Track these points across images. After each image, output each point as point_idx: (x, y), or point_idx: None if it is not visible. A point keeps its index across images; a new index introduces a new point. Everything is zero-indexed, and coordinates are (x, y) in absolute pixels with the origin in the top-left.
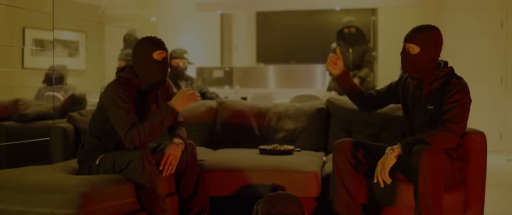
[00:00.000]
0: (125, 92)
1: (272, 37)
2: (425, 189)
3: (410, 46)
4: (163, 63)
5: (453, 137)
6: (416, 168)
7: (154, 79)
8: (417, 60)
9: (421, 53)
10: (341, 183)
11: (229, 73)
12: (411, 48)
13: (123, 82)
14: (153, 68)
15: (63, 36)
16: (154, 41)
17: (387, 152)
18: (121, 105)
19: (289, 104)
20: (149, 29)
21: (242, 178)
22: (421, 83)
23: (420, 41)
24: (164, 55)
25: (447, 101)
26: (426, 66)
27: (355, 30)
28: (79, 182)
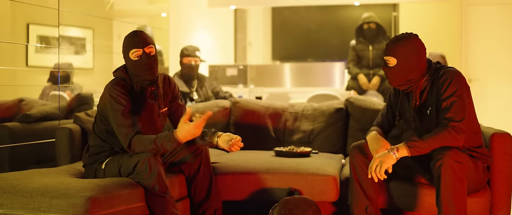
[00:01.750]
0: (120, 93)
1: (288, 33)
2: (447, 195)
3: (387, 59)
4: (142, 62)
5: (461, 137)
6: (438, 172)
7: (140, 78)
8: (398, 72)
9: (399, 63)
10: (359, 187)
11: (243, 71)
12: (389, 61)
13: (117, 83)
14: (135, 69)
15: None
16: (129, 39)
17: (389, 150)
18: (118, 107)
19: (306, 104)
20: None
21: (256, 182)
22: (411, 93)
23: (395, 52)
24: (140, 53)
25: (443, 96)
26: (411, 76)
27: (375, 26)
28: (85, 186)
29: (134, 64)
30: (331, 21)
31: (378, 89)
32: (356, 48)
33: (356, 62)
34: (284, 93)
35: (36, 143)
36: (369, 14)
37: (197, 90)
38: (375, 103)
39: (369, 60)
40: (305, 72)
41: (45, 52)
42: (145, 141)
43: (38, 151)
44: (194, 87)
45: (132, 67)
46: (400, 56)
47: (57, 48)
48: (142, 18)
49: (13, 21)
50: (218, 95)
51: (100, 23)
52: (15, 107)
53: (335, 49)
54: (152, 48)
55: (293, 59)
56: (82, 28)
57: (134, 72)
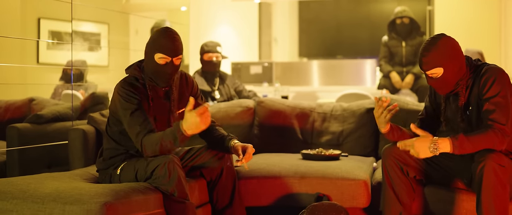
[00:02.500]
0: (130, 92)
1: (316, 29)
2: (489, 200)
3: (432, 72)
4: (164, 68)
5: (505, 140)
6: (480, 177)
7: (156, 80)
8: (447, 80)
9: (446, 71)
10: (392, 192)
11: (268, 69)
12: (434, 73)
13: (127, 82)
14: (154, 72)
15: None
16: (162, 40)
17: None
18: (127, 106)
19: (335, 104)
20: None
21: (282, 187)
22: (457, 93)
23: (439, 61)
24: (167, 61)
25: (486, 96)
26: (458, 77)
27: (408, 21)
28: (100, 191)
29: (155, 68)
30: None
31: (412, 88)
32: (389, 44)
33: (389, 59)
34: (311, 92)
35: (48, 146)
36: (403, 8)
37: (219, 89)
38: (409, 103)
39: (402, 57)
40: (334, 70)
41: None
42: (152, 140)
43: (50, 154)
44: (216, 86)
45: (152, 69)
46: (445, 63)
47: (70, 44)
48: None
49: (23, 16)
50: (242, 94)
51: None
52: (25, 107)
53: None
54: (180, 59)
55: (321, 56)
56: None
57: (151, 74)
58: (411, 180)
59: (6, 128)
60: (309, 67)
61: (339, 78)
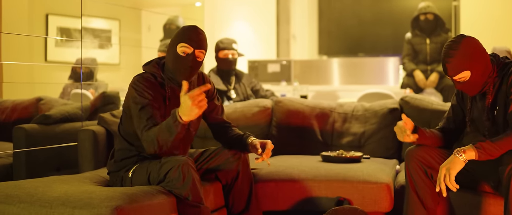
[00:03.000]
0: (145, 88)
1: (337, 25)
2: None
3: (459, 76)
4: (185, 61)
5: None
6: (508, 180)
7: (175, 75)
8: (475, 82)
9: (474, 74)
10: (416, 196)
11: (286, 67)
12: (462, 78)
13: (144, 77)
14: (174, 63)
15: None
16: (185, 32)
17: (455, 154)
18: (139, 100)
19: (357, 104)
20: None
21: (301, 190)
22: (485, 92)
23: (463, 64)
24: (189, 51)
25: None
26: (486, 76)
27: (432, 17)
28: (111, 194)
29: (176, 59)
30: (384, 11)
31: (436, 87)
32: (412, 41)
33: (412, 57)
34: (332, 92)
35: (56, 147)
36: (427, 4)
37: (235, 88)
38: (434, 103)
39: (427, 54)
40: (356, 68)
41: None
42: (151, 135)
43: (58, 156)
44: (232, 85)
45: (172, 60)
46: (471, 65)
47: (79, 41)
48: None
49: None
50: (259, 94)
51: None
52: (32, 107)
53: (389, 42)
54: (203, 54)
55: (342, 53)
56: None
57: (172, 66)
58: (436, 183)
59: (12, 129)
60: (329, 65)
61: (360, 76)
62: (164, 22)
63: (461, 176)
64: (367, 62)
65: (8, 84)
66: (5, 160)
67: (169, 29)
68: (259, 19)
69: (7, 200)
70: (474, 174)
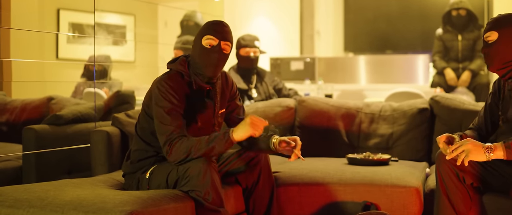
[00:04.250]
0: (172, 89)
1: (363, 21)
2: None
3: (487, 35)
4: (211, 53)
5: None
6: None
7: (200, 71)
8: (499, 50)
9: (500, 38)
10: (447, 200)
11: (310, 65)
12: (489, 37)
13: (172, 76)
14: (201, 57)
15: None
16: (210, 25)
17: (484, 147)
18: (164, 104)
19: (385, 104)
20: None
21: (326, 194)
22: None
23: (496, 25)
24: (214, 43)
25: None
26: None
27: (465, 12)
28: (126, 198)
29: (202, 52)
30: (413, 6)
31: (468, 86)
32: (443, 38)
33: (443, 54)
34: (358, 91)
35: (68, 149)
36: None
37: (257, 87)
38: (465, 103)
39: (458, 52)
40: (383, 66)
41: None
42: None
43: (70, 158)
44: (253, 84)
45: (199, 54)
46: (502, 30)
47: (92, 37)
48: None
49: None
50: (281, 93)
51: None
52: (43, 107)
53: (418, 39)
54: (229, 46)
55: (369, 50)
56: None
57: (198, 60)
58: (468, 187)
59: (22, 130)
60: (356, 63)
61: (388, 75)
62: (181, 18)
63: (494, 180)
64: (395, 60)
65: (17, 83)
66: (14, 163)
67: (187, 26)
68: (282, 14)
69: (16, 204)
70: (508, 178)
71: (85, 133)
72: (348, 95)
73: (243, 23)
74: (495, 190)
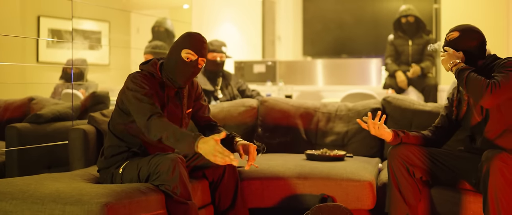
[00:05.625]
0: (144, 80)
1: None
2: (496, 202)
3: (449, 34)
4: (190, 66)
5: (492, 96)
6: (486, 177)
7: (175, 78)
8: (456, 45)
9: (460, 37)
10: (398, 193)
11: (271, 68)
12: (451, 36)
13: (143, 74)
14: (177, 67)
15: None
16: (191, 38)
17: (451, 62)
18: (140, 90)
19: (340, 104)
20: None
21: (286, 188)
22: None
23: (458, 27)
24: (193, 58)
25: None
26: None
27: (413, 19)
28: (101, 191)
29: (179, 62)
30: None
31: (418, 87)
32: (395, 43)
33: (395, 58)
34: (316, 92)
35: (48, 146)
36: (407, 7)
37: (222, 89)
38: (415, 103)
39: (409, 55)
40: (339, 69)
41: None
42: (163, 125)
43: (50, 154)
44: (219, 85)
45: (175, 63)
46: (462, 30)
47: (70, 42)
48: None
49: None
50: (245, 94)
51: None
52: (25, 107)
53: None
54: (203, 62)
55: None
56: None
57: (174, 69)
58: (418, 181)
59: (5, 128)
60: (314, 66)
61: (344, 77)
62: (152, 24)
63: (442, 174)
64: (350, 63)
65: (0, 84)
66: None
67: (158, 32)
68: (246, 21)
69: (0, 197)
70: (455, 172)
71: (63, 131)
72: (306, 96)
73: (210, 29)
74: (443, 184)
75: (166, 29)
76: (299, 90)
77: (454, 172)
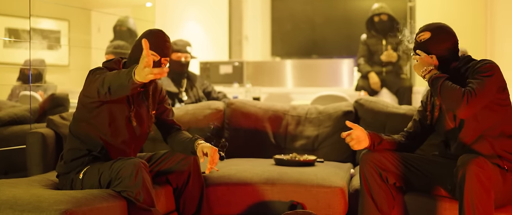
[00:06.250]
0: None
1: (290, 26)
2: (472, 209)
3: (420, 35)
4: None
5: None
6: (462, 183)
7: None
8: (429, 48)
9: (432, 38)
10: (370, 200)
11: (238, 68)
12: (422, 36)
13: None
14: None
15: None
16: (153, 39)
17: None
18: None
19: (310, 106)
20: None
21: (254, 194)
22: None
23: (429, 27)
24: (156, 59)
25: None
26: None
27: (386, 17)
28: (60, 198)
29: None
30: (338, 12)
31: (391, 89)
32: (368, 42)
33: (367, 58)
34: (285, 94)
35: (4, 150)
36: (380, 5)
37: (187, 90)
38: (389, 106)
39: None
40: (309, 70)
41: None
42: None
43: (6, 159)
44: (184, 87)
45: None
46: (435, 30)
47: (28, 42)
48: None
49: None
50: (211, 96)
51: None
52: None
53: (343, 43)
54: (167, 61)
55: (295, 55)
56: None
57: None
58: (391, 187)
59: None
60: (282, 67)
61: (314, 78)
62: (114, 23)
63: (417, 180)
64: (321, 64)
65: None
66: None
67: (120, 31)
68: (211, 19)
69: None
70: (430, 178)
71: (21, 134)
72: (275, 98)
73: (174, 28)
74: (417, 190)
75: (129, 29)
76: (267, 92)
77: (428, 177)
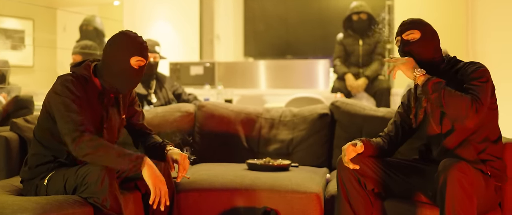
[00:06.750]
0: (76, 89)
1: (264, 25)
2: (453, 214)
3: (408, 33)
4: (139, 73)
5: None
6: (443, 188)
7: (121, 86)
8: (425, 45)
9: (424, 35)
10: (348, 206)
11: (210, 69)
12: (411, 35)
13: (76, 78)
14: (124, 74)
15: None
16: (135, 44)
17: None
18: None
19: (285, 109)
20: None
21: (226, 200)
22: None
23: (418, 25)
24: (143, 64)
25: (471, 76)
26: (436, 55)
27: (366, 16)
28: (24, 204)
29: (127, 70)
30: (313, 11)
31: (369, 91)
32: (344, 42)
33: (344, 59)
34: (258, 96)
35: None
36: (359, 3)
37: (156, 92)
38: (366, 108)
39: (359, 56)
40: (283, 71)
41: None
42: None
43: None
44: (153, 89)
45: (122, 71)
46: (424, 30)
47: None
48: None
49: None
50: (181, 98)
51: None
52: None
53: (319, 43)
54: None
55: (269, 55)
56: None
57: (119, 77)
58: (369, 193)
59: None
60: (256, 68)
61: (288, 80)
62: (80, 22)
63: (396, 186)
64: (296, 65)
65: None
66: None
67: (86, 31)
68: (181, 18)
69: None
70: (410, 183)
71: None
72: (248, 100)
73: (143, 27)
74: (397, 196)
75: (95, 28)
76: (239, 94)
77: (408, 183)
